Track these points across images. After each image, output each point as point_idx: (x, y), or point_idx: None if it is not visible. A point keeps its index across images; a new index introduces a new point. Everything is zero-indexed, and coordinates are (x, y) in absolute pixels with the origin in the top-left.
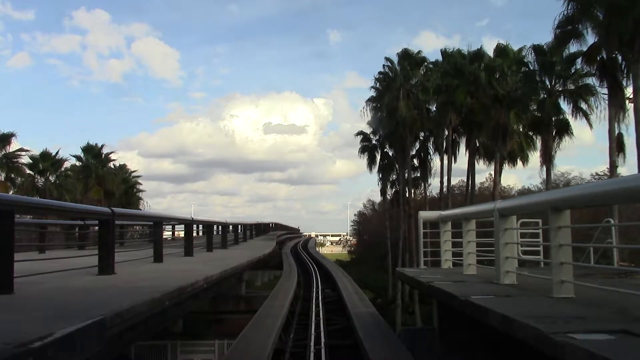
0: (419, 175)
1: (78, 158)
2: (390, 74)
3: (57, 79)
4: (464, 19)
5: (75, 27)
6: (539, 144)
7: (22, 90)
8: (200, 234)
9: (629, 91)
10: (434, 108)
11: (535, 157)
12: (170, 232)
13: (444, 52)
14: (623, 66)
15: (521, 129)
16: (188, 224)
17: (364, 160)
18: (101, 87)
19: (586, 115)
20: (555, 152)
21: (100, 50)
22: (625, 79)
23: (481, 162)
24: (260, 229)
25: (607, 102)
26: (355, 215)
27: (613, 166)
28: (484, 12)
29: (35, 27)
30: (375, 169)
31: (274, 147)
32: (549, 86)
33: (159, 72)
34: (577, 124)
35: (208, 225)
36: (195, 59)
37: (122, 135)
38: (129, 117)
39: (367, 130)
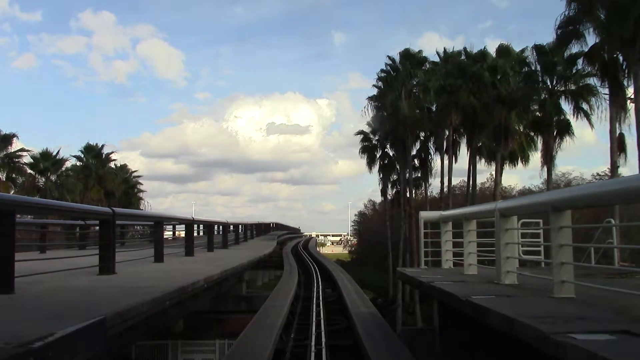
0: (419, 175)
1: (78, 158)
2: (392, 72)
3: (62, 79)
4: (467, 20)
5: (81, 29)
6: (540, 144)
7: (27, 91)
8: (201, 233)
9: (630, 91)
10: (434, 108)
11: (536, 157)
12: (171, 232)
13: (444, 53)
14: (624, 66)
15: (522, 129)
16: (189, 224)
17: (365, 160)
18: (106, 87)
19: (587, 116)
20: (556, 152)
21: (105, 52)
22: (626, 79)
23: (482, 162)
24: (261, 229)
25: (608, 102)
26: (356, 215)
27: (614, 166)
28: (487, 14)
29: (42, 28)
30: (375, 168)
31: (276, 148)
32: (550, 86)
33: (164, 72)
34: (578, 124)
35: (209, 225)
36: (199, 60)
37: (126, 136)
38: (133, 117)
39: (368, 129)
